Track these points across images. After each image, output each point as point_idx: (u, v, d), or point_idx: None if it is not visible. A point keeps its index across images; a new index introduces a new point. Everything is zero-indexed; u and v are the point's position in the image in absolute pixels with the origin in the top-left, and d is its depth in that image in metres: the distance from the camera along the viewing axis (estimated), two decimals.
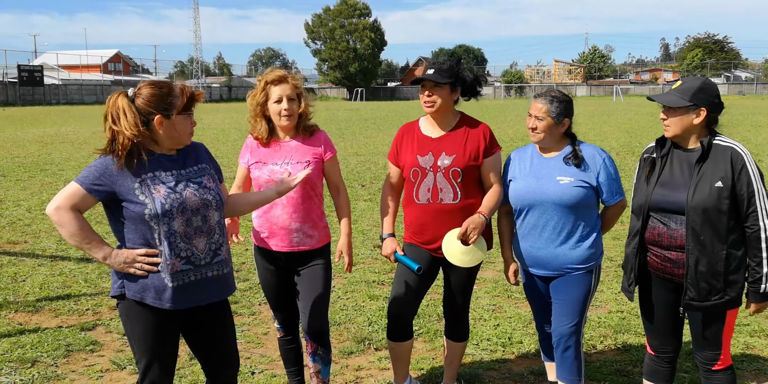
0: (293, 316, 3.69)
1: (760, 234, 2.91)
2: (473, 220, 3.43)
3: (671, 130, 3.04)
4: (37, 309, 5.40)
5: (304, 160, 3.45)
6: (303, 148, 3.48)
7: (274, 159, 3.46)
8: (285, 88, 3.39)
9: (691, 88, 3.01)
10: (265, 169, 3.45)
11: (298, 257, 3.50)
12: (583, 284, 3.43)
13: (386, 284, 5.98)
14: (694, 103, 2.98)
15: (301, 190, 3.43)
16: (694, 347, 3.20)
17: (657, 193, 3.06)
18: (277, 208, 3.44)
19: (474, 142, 3.52)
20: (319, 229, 3.53)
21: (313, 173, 3.43)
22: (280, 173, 3.38)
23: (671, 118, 3.03)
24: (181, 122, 2.76)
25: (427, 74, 3.44)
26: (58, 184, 11.62)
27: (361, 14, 75.50)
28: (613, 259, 6.75)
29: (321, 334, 3.53)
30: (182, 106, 2.74)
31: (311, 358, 3.58)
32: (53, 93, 56.47)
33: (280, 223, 3.45)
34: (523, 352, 4.53)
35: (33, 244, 7.58)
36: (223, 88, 74.82)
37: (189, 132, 2.82)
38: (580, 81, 79.50)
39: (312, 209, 3.49)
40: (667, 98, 3.02)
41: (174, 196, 2.71)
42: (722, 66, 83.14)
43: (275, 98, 3.40)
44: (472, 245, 3.44)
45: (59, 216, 2.65)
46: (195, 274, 2.78)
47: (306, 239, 3.48)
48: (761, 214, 2.91)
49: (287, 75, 3.44)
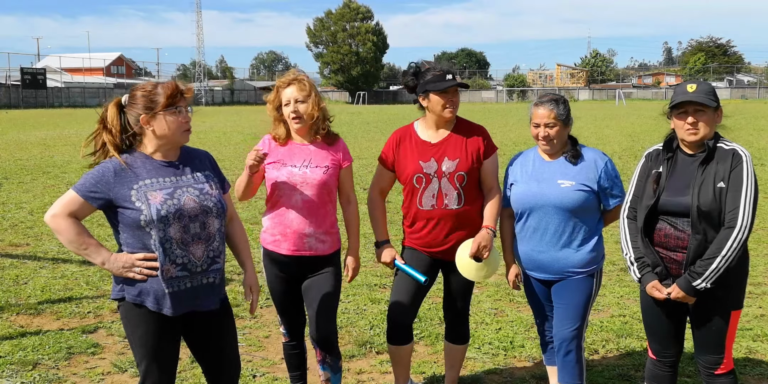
0: (299, 322, 3.66)
1: (732, 232, 2.89)
2: (483, 237, 3.46)
3: (702, 132, 3.00)
4: (39, 311, 5.39)
5: (323, 164, 3.41)
6: (322, 152, 3.44)
7: (293, 161, 3.41)
8: (293, 90, 3.37)
9: (710, 89, 3.03)
10: (283, 170, 3.40)
11: (308, 262, 3.46)
12: (585, 288, 3.43)
13: (387, 288, 5.97)
14: (718, 104, 3.02)
15: (318, 195, 3.39)
16: (697, 351, 3.19)
17: (664, 197, 3.05)
18: (292, 211, 3.40)
19: (474, 144, 3.53)
20: (331, 234, 3.49)
21: (331, 178, 3.41)
22: (299, 176, 3.37)
23: (702, 120, 2.99)
24: (169, 118, 2.72)
25: (458, 81, 3.45)
26: (60, 187, 11.63)
27: (364, 18, 75.59)
28: (615, 263, 6.73)
29: (328, 342, 3.52)
30: (166, 102, 2.70)
31: (320, 366, 3.57)
32: (56, 96, 56.62)
33: (294, 227, 3.40)
34: (524, 356, 4.52)
35: (35, 247, 7.58)
36: (225, 92, 74.95)
37: (181, 128, 2.76)
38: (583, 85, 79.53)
39: (326, 215, 3.45)
40: (705, 99, 2.98)
41: (171, 202, 2.69)
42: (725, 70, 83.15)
43: (285, 101, 3.38)
44: (485, 260, 3.47)
45: (56, 223, 2.66)
46: (191, 281, 2.76)
47: (318, 244, 3.44)
48: (742, 214, 2.89)
49: (296, 77, 3.41)
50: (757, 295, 5.70)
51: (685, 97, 3.01)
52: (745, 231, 2.89)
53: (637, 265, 3.13)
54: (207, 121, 32.67)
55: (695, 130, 3.00)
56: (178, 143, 2.81)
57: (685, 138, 3.05)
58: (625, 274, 6.40)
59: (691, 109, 3.00)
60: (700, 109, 2.99)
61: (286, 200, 3.40)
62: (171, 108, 2.72)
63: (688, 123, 3.01)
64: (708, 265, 2.92)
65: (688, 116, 3.01)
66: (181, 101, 2.75)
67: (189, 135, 2.82)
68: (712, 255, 2.92)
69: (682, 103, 3.02)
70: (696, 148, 3.06)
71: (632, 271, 3.17)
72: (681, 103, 3.02)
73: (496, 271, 3.61)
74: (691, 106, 3.00)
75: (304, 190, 3.37)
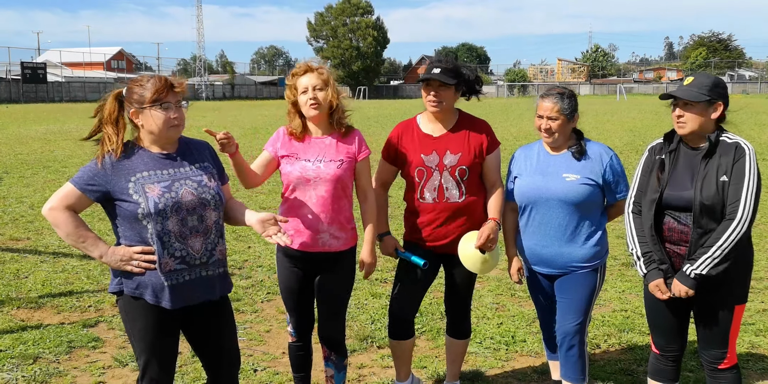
0: (308, 321, 3.57)
1: (731, 224, 2.88)
2: (491, 228, 3.41)
3: (688, 126, 2.99)
4: (40, 305, 5.39)
5: (337, 158, 3.33)
6: (337, 145, 3.36)
7: (307, 155, 3.33)
8: (311, 77, 3.27)
9: (707, 83, 2.99)
10: (297, 165, 3.32)
11: (322, 259, 3.37)
12: (588, 283, 3.41)
13: (389, 282, 5.96)
14: (712, 97, 2.96)
15: (333, 190, 3.30)
16: (700, 346, 3.18)
17: (667, 192, 3.03)
18: (305, 207, 3.32)
19: (476, 139, 3.50)
20: (347, 231, 3.40)
21: (345, 173, 3.33)
22: (313, 170, 3.29)
23: (688, 114, 2.98)
24: (155, 114, 2.67)
25: (434, 74, 3.36)
26: (60, 181, 11.61)
27: (364, 12, 75.45)
28: (616, 257, 6.72)
29: (335, 341, 3.50)
30: (152, 98, 2.66)
31: (324, 362, 3.55)
32: (56, 90, 56.57)
33: (307, 223, 3.32)
34: (526, 350, 4.51)
35: (35, 241, 7.57)
36: (226, 87, 74.87)
37: (167, 125, 2.70)
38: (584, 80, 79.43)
39: (342, 210, 3.36)
40: (688, 93, 2.97)
41: (169, 195, 2.68)
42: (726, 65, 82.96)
43: (302, 89, 3.28)
44: (489, 252, 3.44)
45: (53, 216, 2.66)
46: (189, 274, 2.75)
47: (332, 241, 3.35)
48: (743, 206, 2.88)
49: (313, 66, 3.32)
50: (759, 290, 5.69)
51: (673, 90, 3.05)
52: (744, 223, 2.88)
53: (644, 261, 3.11)
54: (207, 116, 32.64)
55: (682, 123, 3.00)
56: (168, 139, 2.77)
57: (676, 130, 3.06)
58: (627, 269, 6.39)
59: (681, 103, 3.00)
60: (688, 103, 2.98)
61: (300, 195, 3.33)
62: (157, 104, 2.67)
63: (676, 115, 3.02)
64: (704, 253, 2.92)
65: (677, 108, 3.01)
66: (169, 97, 2.69)
67: (178, 130, 2.76)
68: (709, 244, 2.91)
69: (667, 95, 3.04)
70: (698, 141, 3.04)
71: (638, 266, 3.15)
72: (666, 95, 3.05)
73: (497, 265, 3.58)
74: (680, 99, 3.00)
75: (318, 185, 3.29)
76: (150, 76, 2.77)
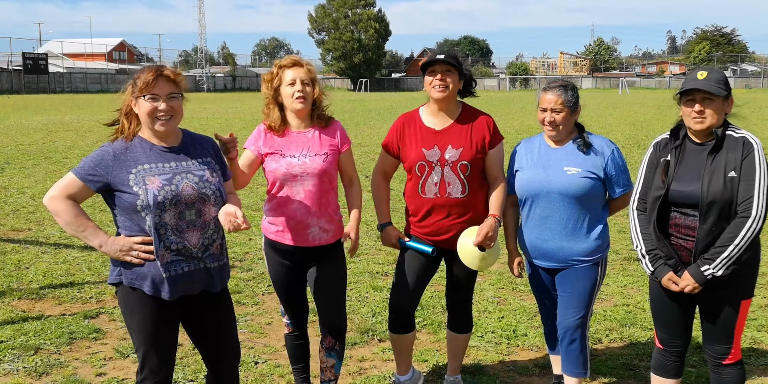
0: (303, 312, 3.62)
1: (747, 221, 2.86)
2: (490, 225, 3.39)
3: (708, 121, 2.95)
4: (41, 296, 5.39)
5: (321, 152, 3.34)
6: (320, 138, 3.37)
7: (291, 151, 3.33)
8: (299, 71, 3.29)
9: (721, 77, 2.97)
10: (282, 162, 3.31)
11: (314, 252, 3.40)
12: (590, 277, 3.40)
13: (390, 275, 5.95)
14: (728, 92, 2.96)
15: (320, 184, 3.32)
16: (705, 341, 3.16)
17: (673, 188, 3.01)
18: (294, 202, 3.33)
19: (479, 133, 3.47)
20: (335, 222, 3.43)
21: (331, 165, 3.35)
22: (299, 166, 3.29)
23: (709, 109, 2.95)
24: (144, 104, 2.68)
25: (439, 58, 3.35)
26: (62, 172, 11.60)
27: (366, 4, 75.12)
28: (618, 252, 6.71)
29: (340, 330, 3.51)
30: (141, 87, 2.67)
31: (326, 353, 3.55)
32: (58, 81, 56.48)
33: (297, 218, 3.33)
34: (527, 344, 4.51)
35: (37, 232, 7.57)
36: (227, 78, 74.70)
37: (151, 116, 2.69)
38: (586, 73, 79.17)
39: (329, 203, 3.40)
40: (713, 88, 2.93)
41: (169, 188, 2.68)
42: (729, 59, 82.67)
43: (289, 81, 3.28)
44: (488, 249, 3.42)
45: (54, 205, 2.67)
46: (188, 266, 2.75)
47: (322, 234, 3.38)
48: (757, 203, 2.86)
49: (302, 60, 3.35)
50: (762, 285, 5.68)
51: (694, 84, 2.96)
52: (760, 220, 2.86)
53: (649, 258, 3.10)
54: (209, 108, 32.58)
55: (702, 118, 2.96)
56: (156, 132, 2.75)
57: (691, 126, 3.00)
58: (629, 264, 6.38)
59: (699, 97, 2.95)
60: (708, 98, 2.94)
61: (287, 191, 3.33)
62: (146, 94, 2.68)
63: (695, 111, 2.96)
64: (720, 252, 2.89)
65: (695, 104, 2.96)
66: (157, 88, 2.68)
67: (168, 124, 2.73)
68: (724, 243, 2.89)
69: (691, 90, 2.97)
70: (704, 136, 3.02)
71: (644, 263, 3.13)
72: (690, 90, 2.97)
73: (496, 261, 3.57)
74: (699, 93, 2.95)
75: (305, 180, 3.31)
76: (150, 66, 2.77)
